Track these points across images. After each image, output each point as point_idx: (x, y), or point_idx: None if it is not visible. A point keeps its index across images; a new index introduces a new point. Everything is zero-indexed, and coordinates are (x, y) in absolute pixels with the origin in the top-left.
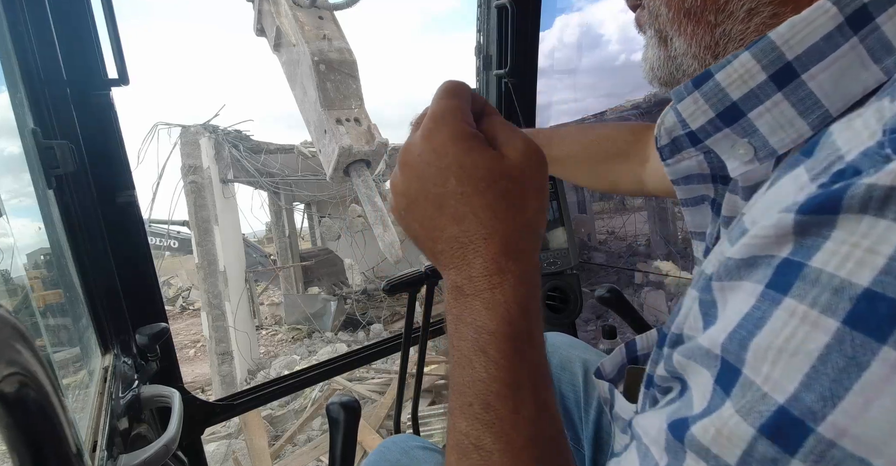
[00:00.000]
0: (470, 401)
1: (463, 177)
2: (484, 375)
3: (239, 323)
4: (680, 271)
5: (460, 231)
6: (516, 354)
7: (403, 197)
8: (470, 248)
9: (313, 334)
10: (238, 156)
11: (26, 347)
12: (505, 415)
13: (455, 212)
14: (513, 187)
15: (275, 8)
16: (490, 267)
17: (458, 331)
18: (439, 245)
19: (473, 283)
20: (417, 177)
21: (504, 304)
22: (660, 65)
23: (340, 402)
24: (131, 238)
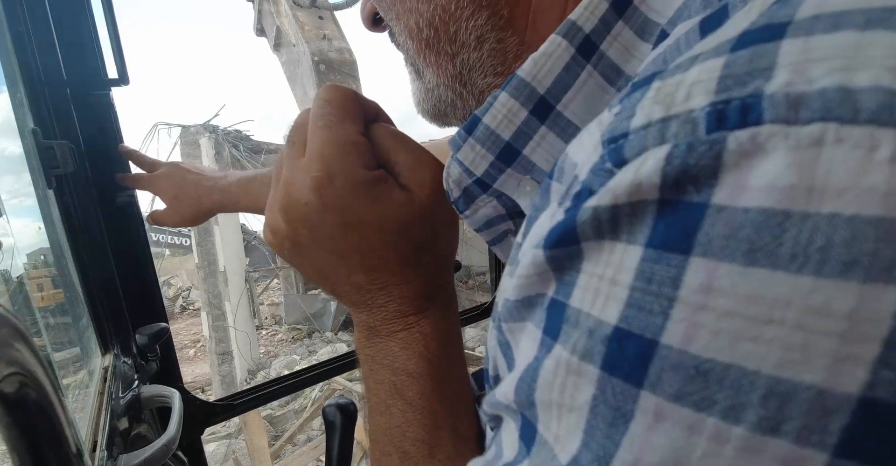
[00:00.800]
0: (388, 451)
1: (368, 233)
2: (401, 420)
3: (239, 323)
4: None
5: (368, 279)
6: (434, 393)
7: (288, 240)
8: (381, 294)
9: (313, 334)
10: (238, 156)
11: (26, 347)
12: (421, 462)
13: (361, 263)
14: (424, 231)
15: (275, 8)
16: (406, 309)
17: (374, 373)
18: (341, 288)
19: (387, 325)
20: (307, 228)
21: (422, 342)
22: (422, 97)
23: (337, 404)
24: (131, 238)
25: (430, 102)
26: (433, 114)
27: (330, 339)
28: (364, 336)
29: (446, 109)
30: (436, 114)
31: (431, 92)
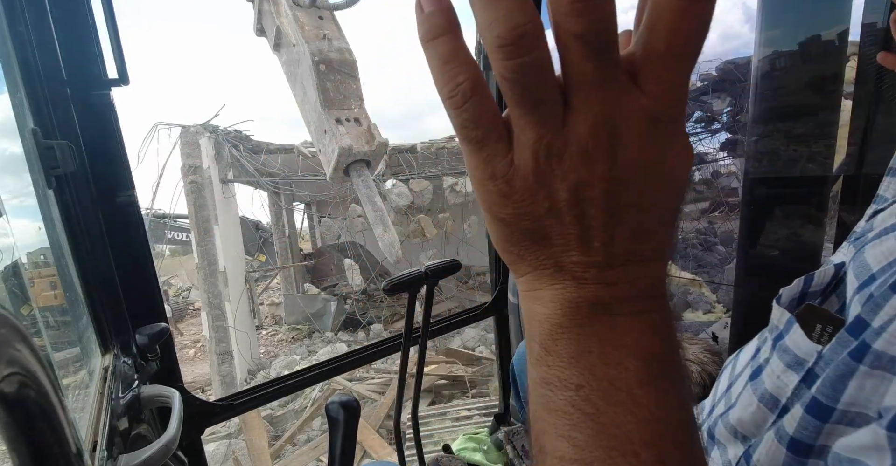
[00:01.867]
0: (635, 450)
1: (669, 189)
2: (658, 415)
3: (239, 323)
4: (680, 271)
5: (636, 248)
6: (686, 388)
7: (572, 192)
8: (641, 266)
9: (313, 334)
10: (238, 156)
11: (26, 347)
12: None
13: (637, 227)
14: (683, 201)
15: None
16: (659, 287)
17: (605, 355)
18: (586, 257)
19: (633, 303)
20: (615, 177)
21: (670, 328)
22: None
23: (340, 402)
24: (131, 238)
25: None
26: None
27: (330, 339)
28: (583, 313)
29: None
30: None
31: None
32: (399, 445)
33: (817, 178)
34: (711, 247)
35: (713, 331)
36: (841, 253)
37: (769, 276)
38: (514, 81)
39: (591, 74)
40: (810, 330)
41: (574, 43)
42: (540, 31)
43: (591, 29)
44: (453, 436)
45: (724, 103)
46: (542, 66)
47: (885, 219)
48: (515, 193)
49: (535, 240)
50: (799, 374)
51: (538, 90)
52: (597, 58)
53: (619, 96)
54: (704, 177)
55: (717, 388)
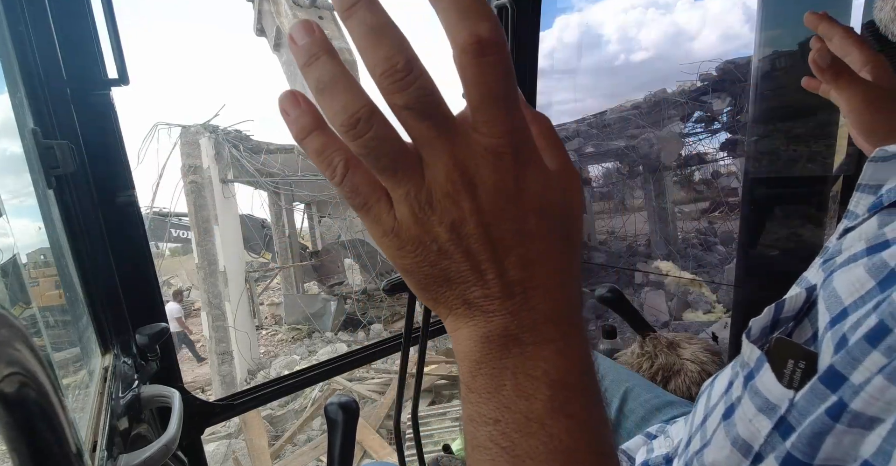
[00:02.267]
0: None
1: (543, 214)
2: (569, 444)
3: (239, 323)
4: (680, 271)
5: (527, 275)
6: (599, 413)
7: (451, 231)
8: (538, 292)
9: (313, 334)
10: (238, 155)
11: (26, 347)
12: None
13: (524, 253)
14: (575, 222)
15: (275, 8)
16: (562, 312)
17: (518, 388)
18: (486, 289)
19: (539, 331)
20: (485, 210)
21: (579, 353)
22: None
23: (339, 402)
24: (131, 238)
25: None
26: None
27: (330, 339)
28: (496, 347)
29: None
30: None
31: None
32: (399, 445)
33: (817, 178)
34: (711, 247)
35: (713, 331)
36: (813, 270)
37: (769, 276)
38: (367, 155)
39: (426, 132)
40: (781, 365)
41: (403, 113)
42: (373, 111)
43: (413, 98)
44: (453, 436)
45: (724, 103)
46: (385, 138)
47: (853, 241)
48: (406, 244)
49: (440, 283)
50: (771, 420)
51: (389, 156)
52: (427, 118)
53: (458, 143)
54: (704, 177)
55: (694, 419)
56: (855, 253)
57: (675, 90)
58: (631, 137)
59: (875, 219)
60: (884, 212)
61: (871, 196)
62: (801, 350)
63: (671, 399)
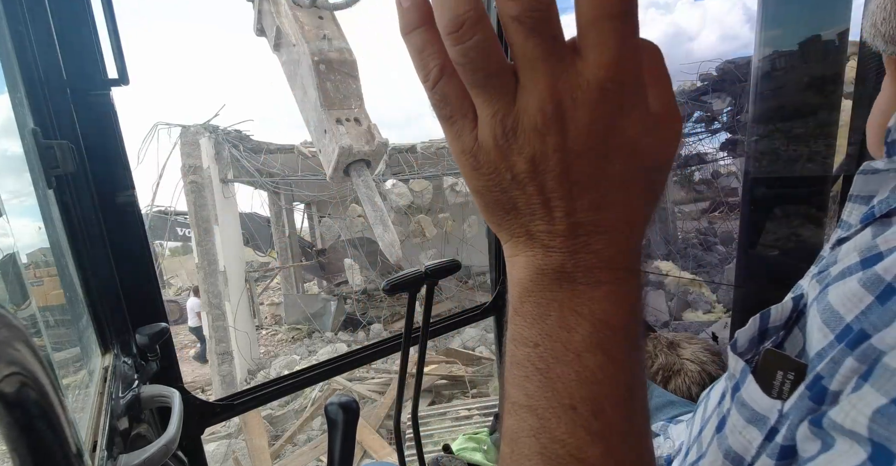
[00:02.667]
0: (573, 404)
1: (631, 161)
2: (600, 376)
3: (239, 323)
4: (680, 271)
5: (597, 218)
6: (636, 355)
7: (529, 163)
8: (602, 238)
9: (313, 334)
10: (238, 155)
11: (26, 347)
12: (617, 426)
13: (600, 198)
14: (663, 175)
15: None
16: (621, 260)
17: (563, 319)
18: (551, 226)
19: (593, 274)
20: (568, 149)
21: (628, 300)
22: (885, 17)
23: (339, 402)
24: (131, 238)
25: (894, 22)
26: (890, 37)
27: (330, 339)
28: (549, 279)
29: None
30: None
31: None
32: (399, 445)
33: (817, 178)
34: (711, 247)
35: (713, 331)
36: (807, 279)
37: (769, 276)
38: (464, 64)
39: (531, 51)
40: (770, 377)
41: (512, 24)
42: (481, 16)
43: (525, 10)
44: (453, 436)
45: (724, 103)
46: (487, 48)
47: (847, 252)
48: (482, 166)
49: (507, 210)
50: (762, 431)
51: (485, 69)
52: (535, 35)
53: (561, 69)
54: (704, 177)
55: (692, 429)
56: (849, 266)
57: (675, 90)
58: None
59: (868, 230)
60: (877, 223)
61: (863, 206)
62: (790, 361)
63: (671, 398)
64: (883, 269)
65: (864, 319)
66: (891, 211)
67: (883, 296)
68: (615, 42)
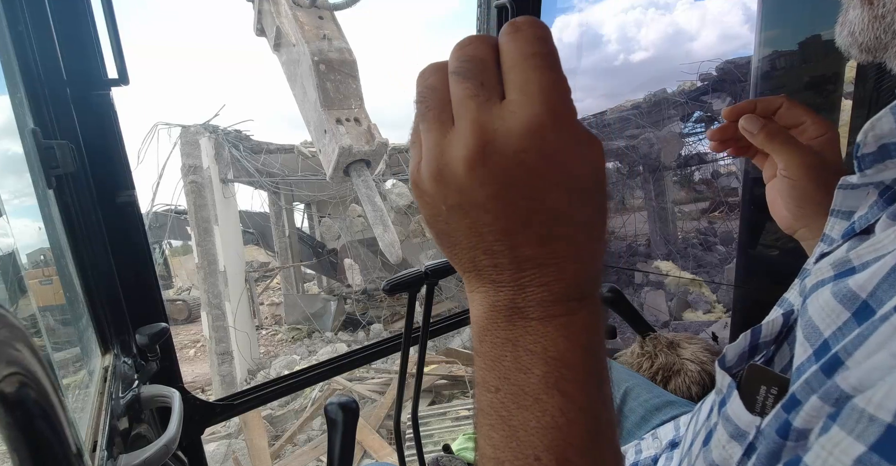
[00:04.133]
0: (536, 455)
1: (572, 192)
2: (561, 421)
3: (239, 323)
4: (680, 271)
5: (543, 252)
6: (598, 393)
7: (460, 195)
8: (551, 270)
9: (313, 334)
10: (238, 155)
11: (26, 347)
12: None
13: (545, 232)
14: (603, 198)
15: (275, 8)
16: (572, 291)
17: (517, 360)
18: (496, 259)
19: (545, 307)
20: (501, 182)
21: (585, 332)
22: (861, 27)
23: (339, 402)
24: (131, 238)
25: (871, 33)
26: (867, 47)
27: (330, 339)
28: (502, 317)
29: (889, 41)
30: (870, 48)
31: (881, 20)
32: (399, 445)
33: None
34: (711, 247)
35: (713, 331)
36: (793, 291)
37: (769, 276)
38: (418, 101)
39: (461, 94)
40: (754, 392)
41: (451, 77)
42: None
43: (460, 63)
44: (453, 436)
45: (724, 103)
46: (435, 89)
47: (824, 266)
48: (424, 195)
49: (452, 243)
50: (742, 447)
51: (429, 106)
52: (464, 80)
53: (486, 107)
54: (704, 177)
55: (685, 440)
56: (823, 279)
57: (675, 90)
58: (631, 137)
59: (846, 245)
60: (856, 238)
61: (844, 221)
62: (773, 376)
63: (671, 398)
64: (857, 285)
65: (841, 336)
66: (869, 226)
67: (859, 314)
68: (535, 78)
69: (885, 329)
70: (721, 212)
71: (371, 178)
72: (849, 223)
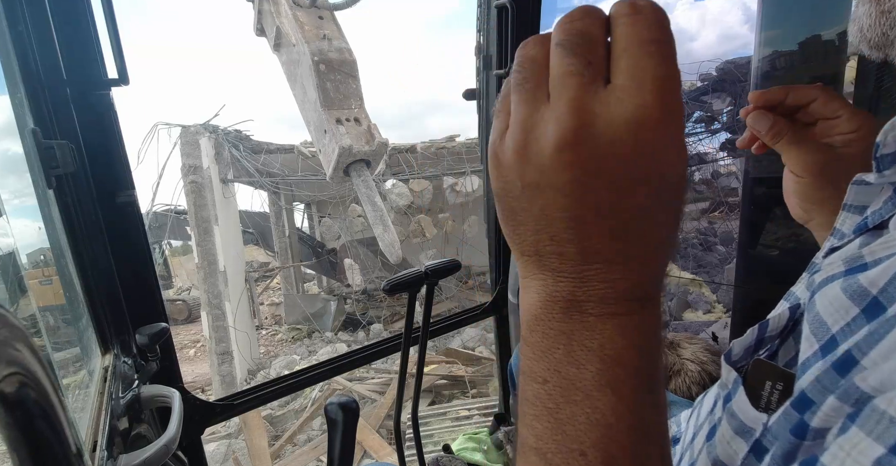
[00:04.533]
0: (582, 450)
1: (656, 192)
2: (611, 420)
3: (239, 323)
4: (680, 271)
5: (613, 248)
6: (651, 396)
7: (541, 175)
8: (618, 268)
9: (313, 334)
10: (238, 155)
11: (26, 347)
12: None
13: (618, 227)
14: (682, 203)
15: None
16: (636, 292)
17: (571, 354)
18: (562, 247)
19: (605, 304)
20: (586, 168)
21: (642, 334)
22: (870, 24)
23: (339, 402)
24: (131, 238)
25: (879, 29)
26: (877, 43)
27: (330, 339)
28: (559, 309)
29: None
30: (879, 44)
31: (887, 15)
32: (399, 445)
33: None
34: (711, 247)
35: (713, 331)
36: (800, 286)
37: (769, 276)
38: (513, 72)
39: (564, 69)
40: (759, 387)
41: (555, 49)
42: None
43: (566, 35)
44: (453, 436)
45: (724, 103)
46: (533, 65)
47: (835, 260)
48: (502, 168)
49: (518, 222)
50: (748, 443)
51: (525, 78)
52: (570, 56)
53: (588, 87)
54: (704, 177)
55: (686, 434)
56: (833, 274)
57: None
58: None
59: (858, 240)
60: (868, 233)
61: (856, 216)
62: (778, 371)
63: (672, 398)
64: (868, 281)
65: (850, 332)
66: (883, 222)
67: (869, 310)
68: (650, 66)
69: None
70: (721, 212)
71: (371, 178)
72: (861, 218)
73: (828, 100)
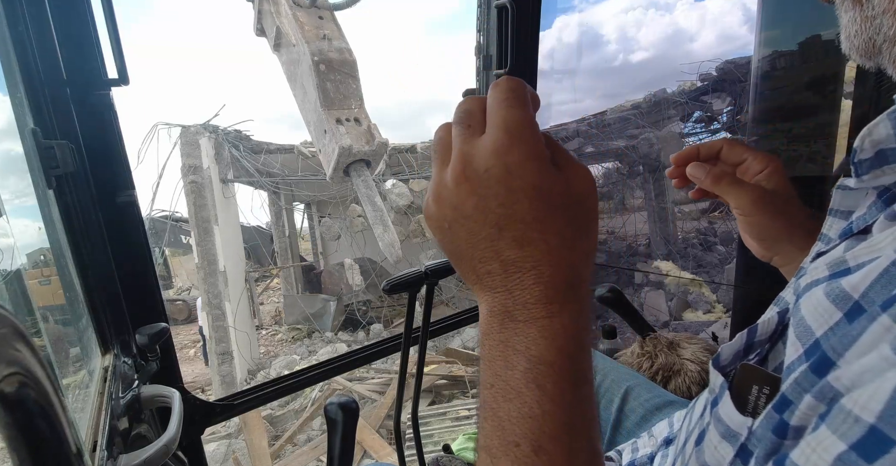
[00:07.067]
0: (516, 441)
1: (536, 200)
2: (537, 412)
3: (239, 323)
4: (680, 271)
5: (522, 255)
6: (573, 390)
7: (454, 210)
8: (530, 274)
9: (313, 334)
10: (238, 155)
11: (26, 347)
12: (558, 462)
13: (519, 235)
14: (580, 213)
15: (275, 8)
16: (551, 294)
17: (506, 359)
18: (488, 266)
19: (528, 309)
20: (478, 194)
21: (563, 335)
22: (855, 30)
23: (339, 403)
24: (131, 238)
25: (864, 35)
26: (863, 50)
27: (330, 339)
28: (497, 321)
29: (882, 44)
30: (866, 51)
31: (870, 21)
32: (399, 445)
33: (817, 178)
34: (711, 247)
35: (713, 331)
36: (789, 290)
37: (769, 276)
38: (434, 144)
39: (454, 136)
40: (746, 392)
41: (452, 127)
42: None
43: (455, 116)
44: (453, 436)
45: (724, 103)
46: (442, 136)
47: (819, 265)
48: (430, 219)
49: (457, 257)
50: (734, 447)
51: (437, 148)
52: (457, 126)
53: (468, 142)
54: None
55: (680, 438)
56: (817, 278)
57: (675, 90)
58: (631, 137)
59: (843, 245)
60: (853, 238)
61: (842, 221)
62: (765, 375)
63: (671, 398)
64: (850, 286)
65: (832, 336)
66: (867, 227)
67: (851, 315)
68: (501, 113)
69: (875, 328)
70: (721, 212)
71: (371, 178)
72: (847, 223)
73: (731, 147)
